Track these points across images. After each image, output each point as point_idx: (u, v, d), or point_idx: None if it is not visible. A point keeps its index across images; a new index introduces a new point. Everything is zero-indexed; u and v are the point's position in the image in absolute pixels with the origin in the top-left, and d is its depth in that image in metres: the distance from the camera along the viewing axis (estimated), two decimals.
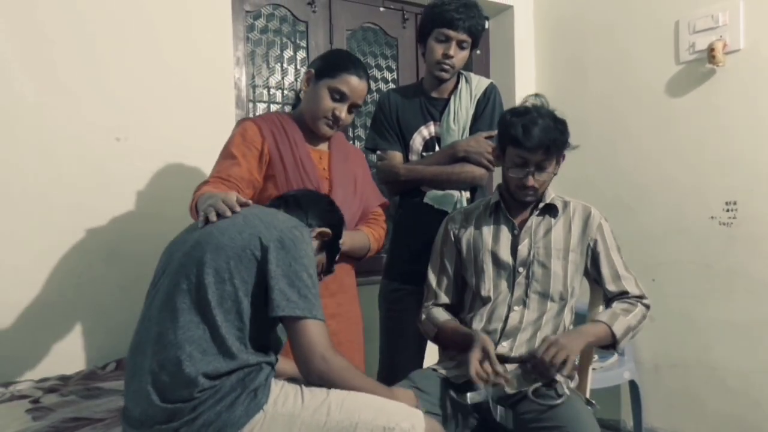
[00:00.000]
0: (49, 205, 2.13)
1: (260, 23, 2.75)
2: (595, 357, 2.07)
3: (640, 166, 2.85)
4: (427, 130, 2.20)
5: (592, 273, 1.83)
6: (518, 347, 1.73)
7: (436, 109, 2.19)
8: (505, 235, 1.82)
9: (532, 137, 1.67)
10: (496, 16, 3.38)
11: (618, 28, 2.94)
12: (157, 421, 1.26)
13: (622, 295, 1.77)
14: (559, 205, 1.83)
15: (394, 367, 2.14)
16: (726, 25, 2.51)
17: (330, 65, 1.83)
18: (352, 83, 1.81)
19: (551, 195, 1.84)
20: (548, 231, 1.80)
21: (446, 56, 2.08)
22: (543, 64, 3.33)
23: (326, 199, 1.65)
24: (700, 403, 2.66)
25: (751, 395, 2.50)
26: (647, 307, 1.78)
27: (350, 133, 2.97)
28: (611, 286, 1.78)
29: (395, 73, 3.10)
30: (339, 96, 1.81)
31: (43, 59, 2.14)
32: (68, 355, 2.09)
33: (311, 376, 1.32)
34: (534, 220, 1.82)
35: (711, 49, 2.50)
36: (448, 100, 2.18)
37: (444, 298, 1.88)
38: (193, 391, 1.24)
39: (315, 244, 1.51)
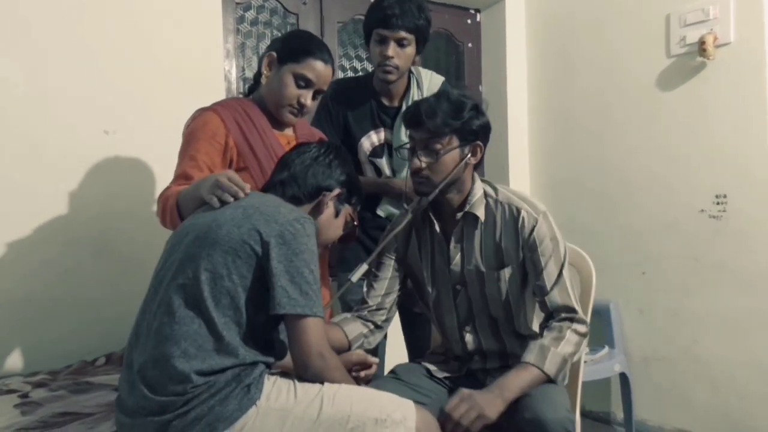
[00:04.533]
0: (36, 198, 2.11)
1: (250, 15, 2.73)
2: (587, 349, 2.07)
3: (630, 160, 2.86)
4: (376, 137, 2.12)
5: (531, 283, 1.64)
6: (491, 361, 1.71)
7: (388, 117, 2.11)
8: (438, 249, 1.68)
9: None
10: (487, 9, 3.37)
11: (609, 21, 2.94)
12: (150, 412, 1.26)
13: (555, 313, 1.59)
14: (481, 213, 1.62)
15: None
16: (716, 19, 2.52)
17: (294, 49, 1.71)
18: (318, 69, 1.69)
19: (476, 195, 1.63)
20: (478, 245, 1.63)
21: (386, 57, 1.98)
22: (534, 58, 3.32)
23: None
24: (688, 396, 2.68)
25: (737, 387, 2.52)
26: (582, 322, 1.58)
27: None
28: (546, 300, 1.60)
29: None
30: (305, 83, 1.69)
31: (30, 50, 2.11)
32: (57, 350, 2.08)
33: (308, 373, 1.32)
34: (460, 232, 1.64)
35: (702, 43, 2.50)
36: (399, 108, 2.09)
37: (371, 298, 1.72)
38: (186, 387, 1.24)
39: (331, 209, 1.51)
